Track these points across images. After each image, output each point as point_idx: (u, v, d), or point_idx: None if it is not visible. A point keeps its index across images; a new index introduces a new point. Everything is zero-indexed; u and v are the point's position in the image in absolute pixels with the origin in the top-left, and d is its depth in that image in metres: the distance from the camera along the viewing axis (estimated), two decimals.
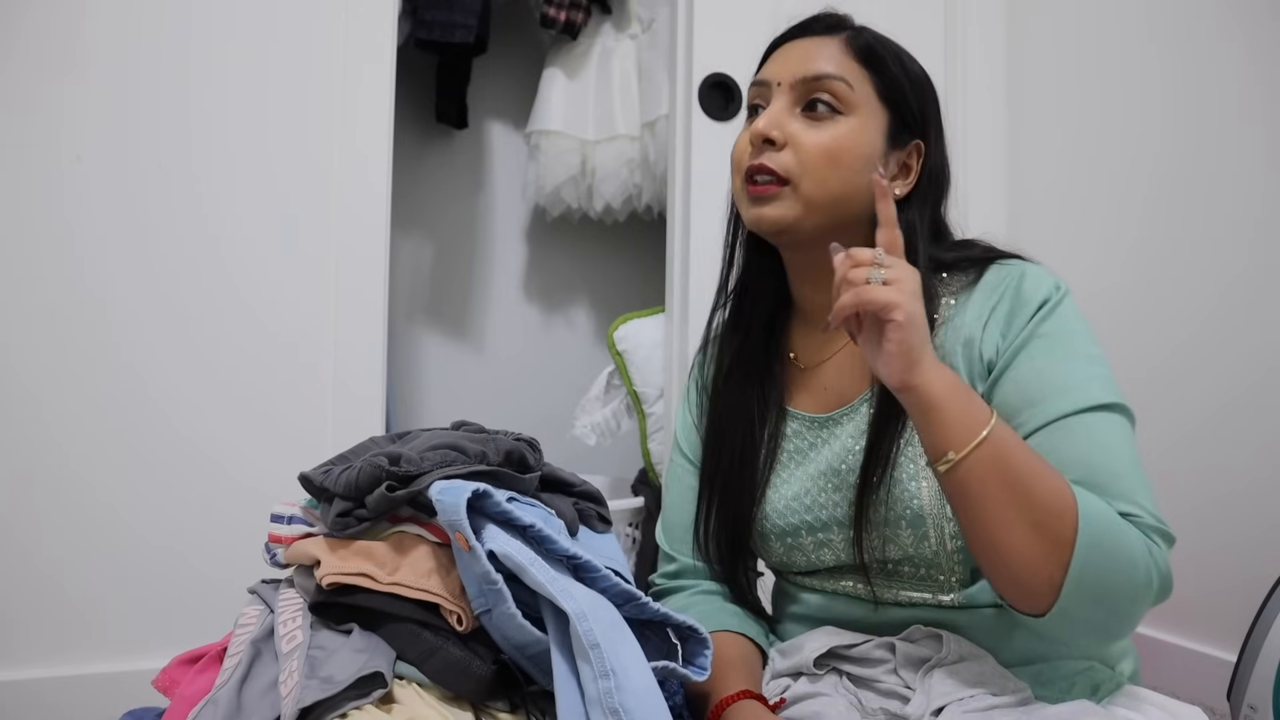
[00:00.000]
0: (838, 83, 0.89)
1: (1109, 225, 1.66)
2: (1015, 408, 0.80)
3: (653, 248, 2.33)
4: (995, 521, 0.72)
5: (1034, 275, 0.85)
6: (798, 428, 0.95)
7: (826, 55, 0.90)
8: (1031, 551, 0.72)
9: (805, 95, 0.90)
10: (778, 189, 0.88)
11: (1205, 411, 1.46)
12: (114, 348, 1.47)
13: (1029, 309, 0.83)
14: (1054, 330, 0.82)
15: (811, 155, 0.87)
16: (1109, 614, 0.75)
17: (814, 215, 0.88)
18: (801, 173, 0.87)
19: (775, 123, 0.89)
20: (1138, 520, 0.75)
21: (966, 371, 0.84)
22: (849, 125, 0.89)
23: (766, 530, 0.94)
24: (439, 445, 0.79)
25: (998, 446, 0.72)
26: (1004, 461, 0.72)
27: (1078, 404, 0.78)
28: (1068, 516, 0.71)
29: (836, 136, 0.88)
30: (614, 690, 0.63)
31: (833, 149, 0.88)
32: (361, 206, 1.59)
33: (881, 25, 0.95)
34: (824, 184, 0.88)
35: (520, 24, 2.49)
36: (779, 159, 0.88)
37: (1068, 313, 0.83)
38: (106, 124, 1.48)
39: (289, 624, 0.75)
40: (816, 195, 0.88)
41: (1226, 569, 1.37)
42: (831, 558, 0.91)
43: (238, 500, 1.48)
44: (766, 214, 0.89)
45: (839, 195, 0.88)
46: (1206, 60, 1.50)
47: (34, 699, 1.39)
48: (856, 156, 0.88)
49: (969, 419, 0.73)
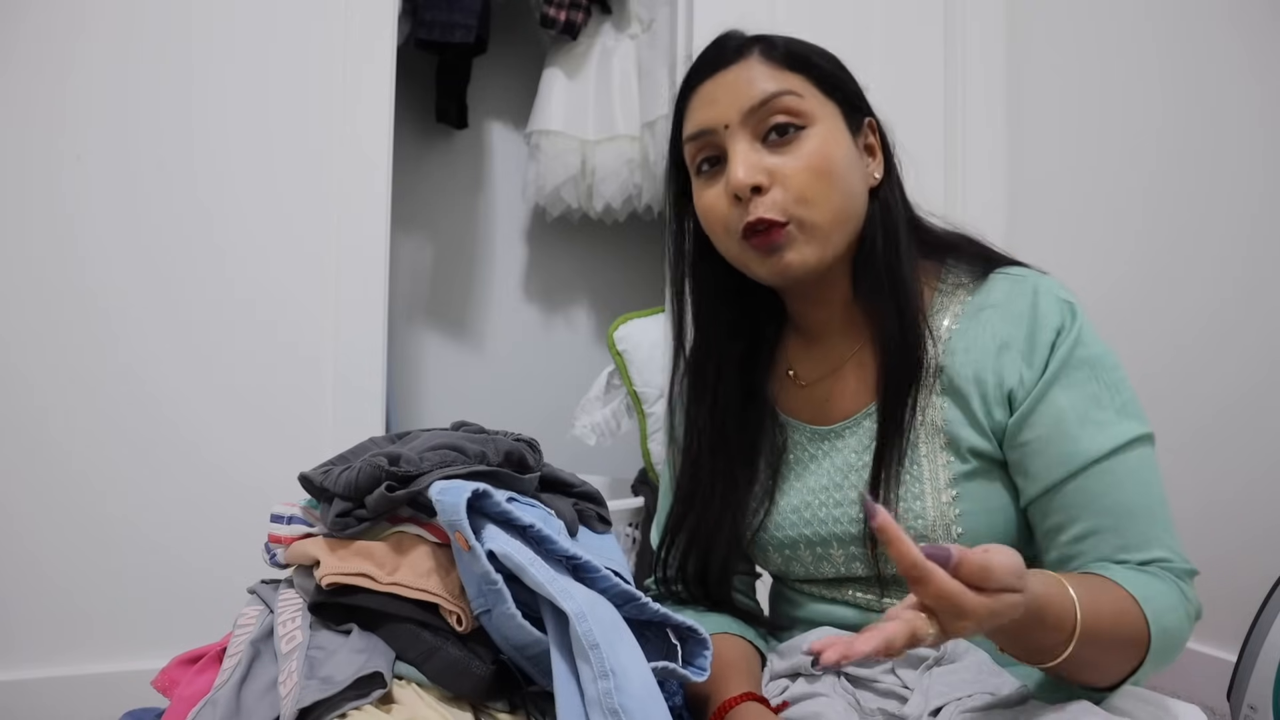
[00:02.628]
0: (788, 97, 0.83)
1: (1109, 226, 1.66)
2: (1045, 453, 0.80)
3: (653, 248, 2.33)
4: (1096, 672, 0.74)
5: (1046, 294, 0.83)
6: (799, 439, 0.93)
7: (757, 76, 0.84)
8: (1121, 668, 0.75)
9: (760, 124, 0.83)
10: (784, 232, 0.82)
11: (1206, 412, 1.46)
12: (114, 348, 1.47)
13: (1047, 335, 0.81)
14: (1076, 361, 0.81)
15: (802, 183, 0.81)
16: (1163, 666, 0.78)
17: (830, 241, 0.83)
18: (799, 205, 0.81)
19: (754, 166, 0.81)
20: (1169, 566, 0.78)
21: (979, 394, 0.83)
22: (818, 135, 0.83)
23: (765, 542, 0.93)
24: (439, 445, 0.79)
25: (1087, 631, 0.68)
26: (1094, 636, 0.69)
27: (1104, 448, 0.79)
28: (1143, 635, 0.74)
29: (814, 151, 0.82)
30: (614, 690, 0.63)
31: (818, 166, 0.82)
32: (361, 206, 1.59)
33: (881, 27, 0.95)
34: (824, 206, 0.82)
35: (520, 24, 2.49)
36: (773, 203, 0.81)
37: (1087, 337, 0.82)
38: (106, 124, 1.48)
39: (288, 624, 0.75)
40: (823, 221, 0.82)
41: (1226, 569, 1.37)
42: (831, 570, 0.90)
43: (237, 500, 1.48)
44: (791, 261, 0.82)
45: (840, 209, 0.84)
46: (1206, 60, 1.50)
47: (34, 699, 1.39)
48: (841, 160, 0.84)
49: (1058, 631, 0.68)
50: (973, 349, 0.84)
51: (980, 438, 0.82)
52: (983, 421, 0.82)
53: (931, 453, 0.84)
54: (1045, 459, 0.80)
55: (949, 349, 0.85)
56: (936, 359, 0.85)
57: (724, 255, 0.89)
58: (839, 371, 0.93)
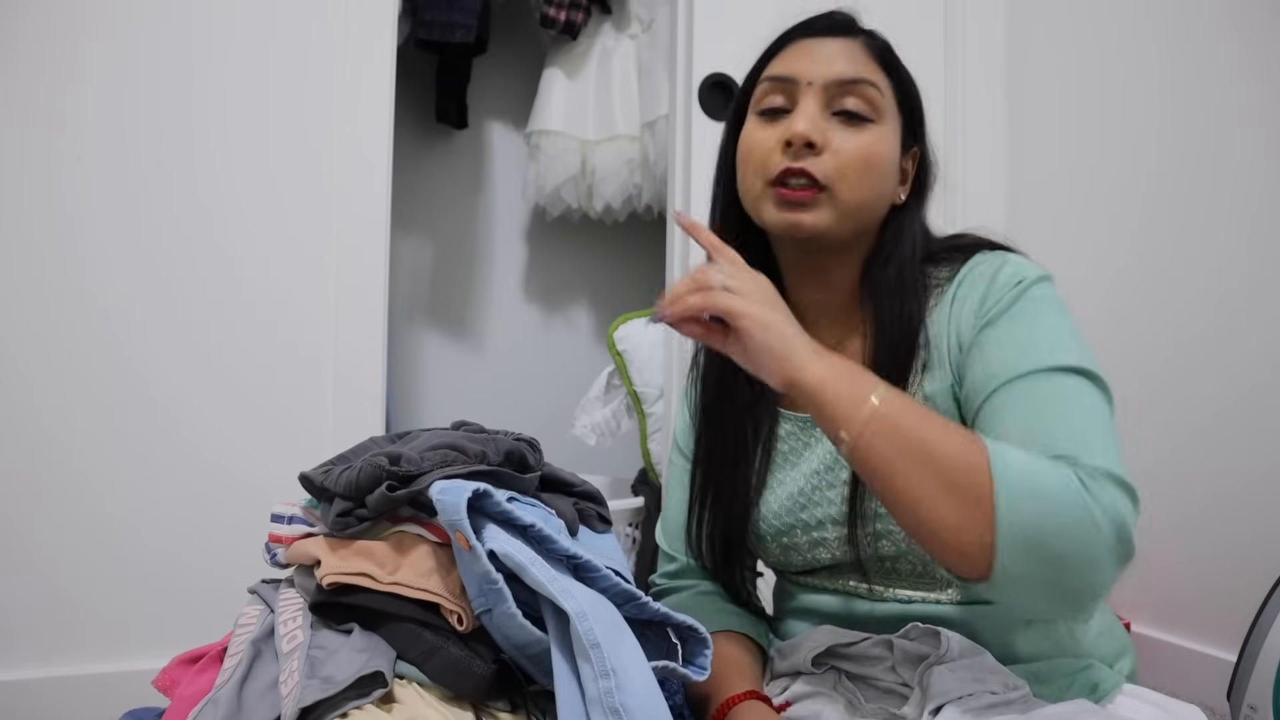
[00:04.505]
0: (871, 89, 0.87)
1: (1109, 226, 1.66)
2: (979, 379, 0.80)
3: (653, 248, 2.33)
4: (907, 492, 0.70)
5: (1015, 261, 0.85)
6: (790, 429, 0.95)
7: (855, 58, 0.88)
8: (952, 515, 0.69)
9: (837, 98, 0.87)
10: (814, 194, 0.85)
11: (1206, 411, 1.46)
12: (115, 348, 1.47)
13: (1002, 289, 0.82)
14: (1024, 307, 0.81)
15: (851, 162, 0.85)
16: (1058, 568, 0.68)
17: (846, 221, 0.87)
18: (839, 179, 0.85)
19: (817, 126, 0.85)
20: (1080, 463, 0.70)
21: (949, 360, 0.84)
22: (880, 132, 0.87)
23: (762, 532, 0.94)
24: (439, 445, 0.79)
25: (889, 417, 0.71)
26: (898, 430, 0.70)
27: (1037, 365, 0.76)
28: (980, 471, 0.68)
29: (872, 143, 0.86)
30: (614, 690, 0.63)
31: (870, 156, 0.86)
32: (361, 206, 1.59)
33: (882, 24, 0.95)
34: (858, 191, 0.86)
35: (520, 24, 2.49)
36: (819, 164, 0.85)
37: (1042, 294, 0.82)
38: (106, 124, 1.48)
39: (289, 624, 0.75)
40: (850, 201, 0.86)
41: (1226, 569, 1.37)
42: (828, 556, 0.90)
43: (238, 500, 1.48)
44: (805, 220, 0.85)
45: (866, 202, 0.87)
46: (1206, 59, 1.50)
47: (34, 699, 1.39)
48: (887, 163, 0.88)
49: (854, 397, 0.71)
50: (942, 319, 0.86)
51: (954, 402, 0.84)
52: (955, 386, 0.84)
53: None
54: (977, 381, 0.80)
55: (929, 323, 0.87)
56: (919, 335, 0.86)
57: (741, 193, 0.92)
58: None
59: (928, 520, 0.70)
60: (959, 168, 1.83)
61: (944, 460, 0.69)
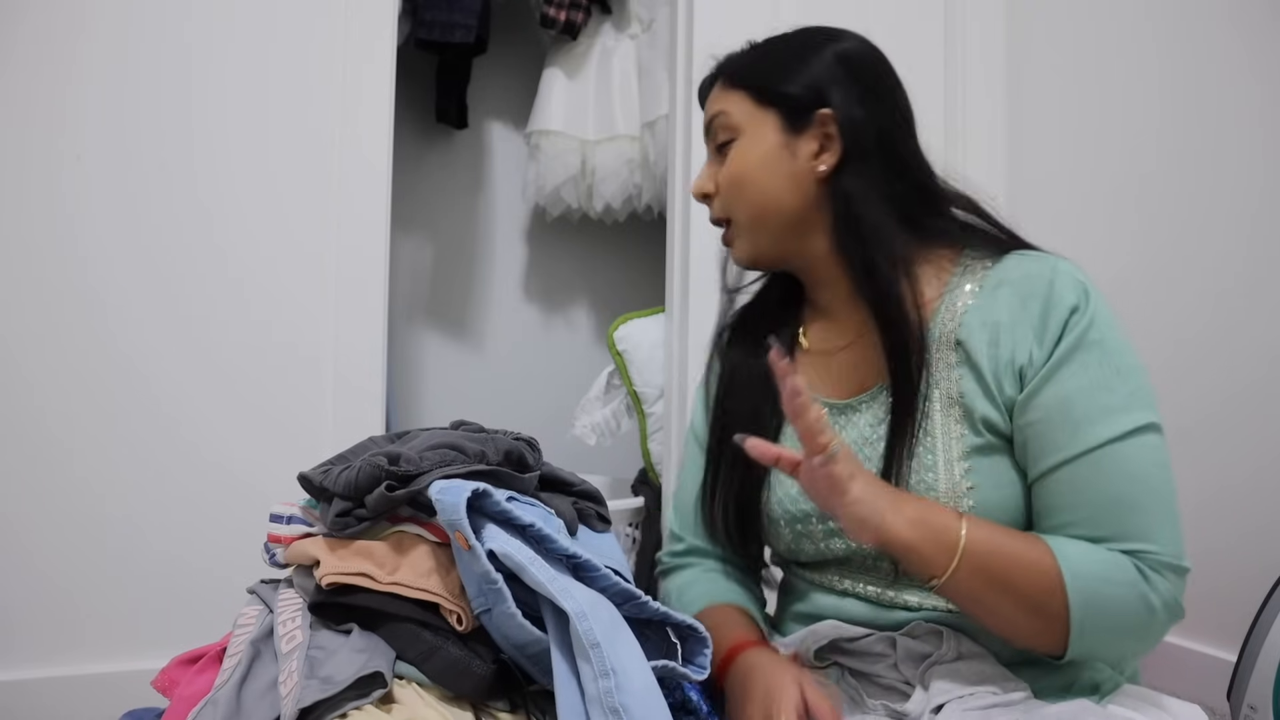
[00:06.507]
0: (721, 117, 0.96)
1: (1108, 225, 1.66)
2: (1045, 436, 0.81)
3: (653, 248, 2.33)
4: (992, 615, 0.79)
5: (1064, 275, 0.85)
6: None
7: (715, 99, 0.97)
8: (1031, 628, 0.78)
9: (713, 142, 0.98)
10: (727, 231, 0.98)
11: (1204, 410, 1.46)
12: (115, 347, 1.47)
13: (1061, 314, 0.82)
14: (1088, 343, 0.82)
15: (725, 189, 0.95)
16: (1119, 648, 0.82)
17: (760, 235, 0.94)
18: (729, 208, 0.95)
19: (704, 178, 0.98)
20: (1144, 556, 0.77)
21: (992, 368, 0.84)
22: (739, 146, 0.94)
23: (777, 515, 0.93)
24: (438, 445, 0.79)
25: (974, 558, 0.77)
26: (984, 569, 0.77)
27: (1100, 438, 0.79)
28: (1056, 592, 0.76)
29: (732, 160, 0.94)
30: (614, 689, 0.63)
31: (733, 174, 0.94)
32: (361, 206, 1.59)
33: (882, 27, 0.96)
34: (743, 206, 0.94)
35: (520, 24, 2.49)
36: (716, 205, 0.97)
37: (1100, 320, 0.83)
38: (106, 124, 1.48)
39: (288, 624, 0.75)
40: (746, 219, 0.94)
41: (1226, 569, 1.37)
42: (842, 547, 0.90)
43: (237, 500, 1.48)
44: (736, 255, 0.98)
45: (759, 209, 0.93)
46: (1206, 59, 1.50)
47: (34, 699, 1.39)
48: (754, 165, 0.93)
49: (942, 545, 0.78)
50: (988, 323, 0.85)
51: (993, 409, 0.83)
52: (995, 394, 0.83)
53: (947, 424, 0.85)
54: (1045, 443, 0.81)
55: (966, 323, 0.86)
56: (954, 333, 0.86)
57: None
58: (852, 346, 0.95)
59: (1009, 632, 0.80)
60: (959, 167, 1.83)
61: (1023, 587, 0.77)
